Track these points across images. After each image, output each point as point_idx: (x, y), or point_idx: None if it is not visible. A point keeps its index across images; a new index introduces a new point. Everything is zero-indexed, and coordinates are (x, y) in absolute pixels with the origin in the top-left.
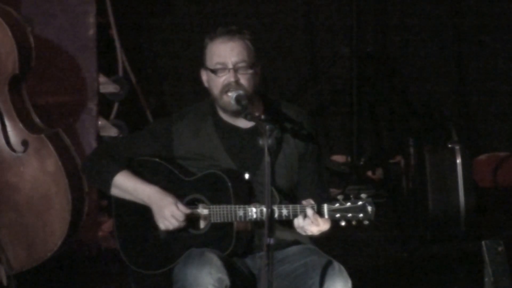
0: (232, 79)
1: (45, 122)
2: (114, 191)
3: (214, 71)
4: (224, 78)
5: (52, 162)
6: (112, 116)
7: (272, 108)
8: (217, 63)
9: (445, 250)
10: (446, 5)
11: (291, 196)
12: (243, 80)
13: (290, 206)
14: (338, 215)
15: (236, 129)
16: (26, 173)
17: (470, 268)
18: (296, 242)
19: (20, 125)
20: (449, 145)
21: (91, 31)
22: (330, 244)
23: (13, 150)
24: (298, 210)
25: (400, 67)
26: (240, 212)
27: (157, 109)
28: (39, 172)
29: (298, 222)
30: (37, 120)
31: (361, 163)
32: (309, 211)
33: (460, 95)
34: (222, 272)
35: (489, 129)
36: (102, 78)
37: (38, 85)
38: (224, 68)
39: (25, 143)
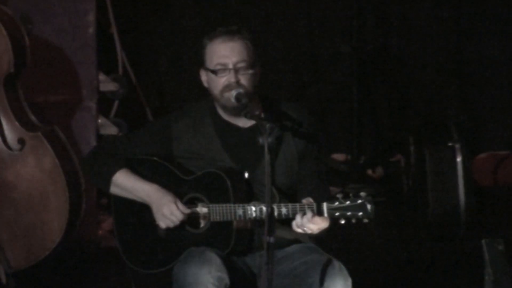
0: (232, 80)
1: (44, 120)
2: (114, 190)
3: (214, 72)
4: (225, 79)
5: (49, 160)
6: (112, 114)
7: (272, 107)
8: (218, 63)
9: (445, 249)
10: (447, 3)
11: (290, 195)
12: (244, 80)
13: (290, 204)
14: (337, 214)
15: (236, 128)
16: (23, 171)
17: (470, 267)
18: (296, 241)
19: (16, 123)
20: (449, 144)
21: (91, 29)
22: (330, 242)
23: (9, 148)
24: (298, 209)
25: (400, 65)
26: (240, 211)
27: (157, 107)
28: (36, 170)
29: (297, 221)
30: (33, 118)
31: (361, 161)
32: (308, 211)
33: (461, 94)
34: (222, 271)
35: (489, 127)
36: (102, 76)
37: (38, 83)
38: (225, 68)
39: (21, 141)
